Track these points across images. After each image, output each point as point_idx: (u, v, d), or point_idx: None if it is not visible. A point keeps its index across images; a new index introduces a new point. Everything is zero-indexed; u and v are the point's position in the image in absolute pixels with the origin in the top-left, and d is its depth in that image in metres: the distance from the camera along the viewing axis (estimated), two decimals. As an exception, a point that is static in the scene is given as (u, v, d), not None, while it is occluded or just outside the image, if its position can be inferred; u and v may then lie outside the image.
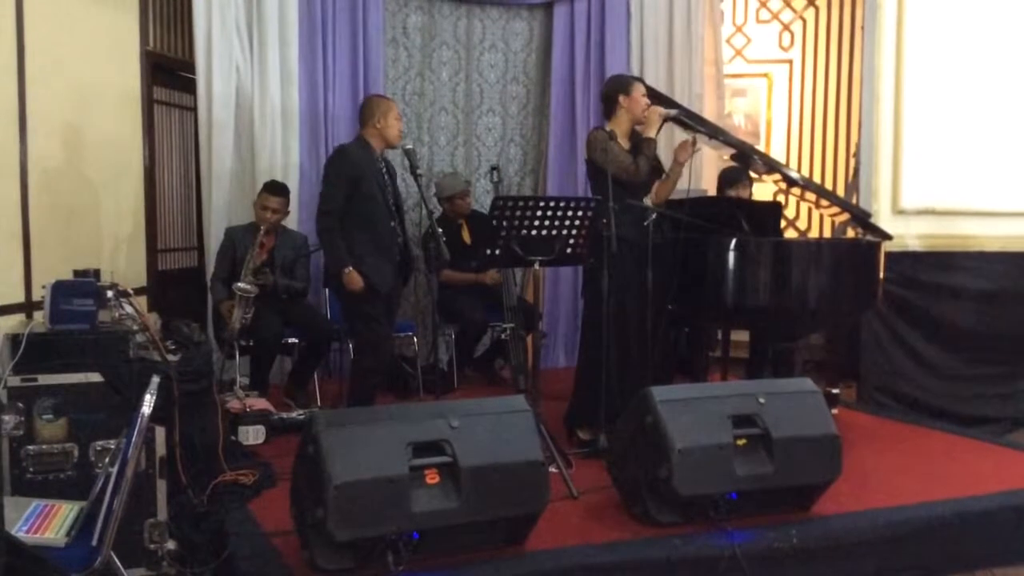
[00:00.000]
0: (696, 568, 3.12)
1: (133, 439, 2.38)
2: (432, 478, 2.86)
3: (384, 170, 4.56)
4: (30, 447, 3.01)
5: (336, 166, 4.50)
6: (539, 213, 3.82)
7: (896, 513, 3.49)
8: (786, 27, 7.24)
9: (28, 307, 4.16)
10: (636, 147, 4.31)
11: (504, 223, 3.80)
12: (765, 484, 3.31)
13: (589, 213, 3.92)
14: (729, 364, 5.30)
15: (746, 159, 4.81)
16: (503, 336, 5.63)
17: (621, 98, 4.36)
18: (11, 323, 3.79)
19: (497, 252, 3.89)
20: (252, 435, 4.37)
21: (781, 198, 6.42)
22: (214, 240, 5.42)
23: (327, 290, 5.54)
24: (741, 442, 3.30)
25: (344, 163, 4.46)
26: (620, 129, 4.37)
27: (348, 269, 4.37)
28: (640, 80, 4.54)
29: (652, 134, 4.33)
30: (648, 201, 4.34)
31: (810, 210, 6.98)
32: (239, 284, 4.78)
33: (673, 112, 4.45)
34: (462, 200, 5.76)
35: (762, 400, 3.38)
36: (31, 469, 3.00)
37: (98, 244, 4.97)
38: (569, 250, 3.95)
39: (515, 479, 2.94)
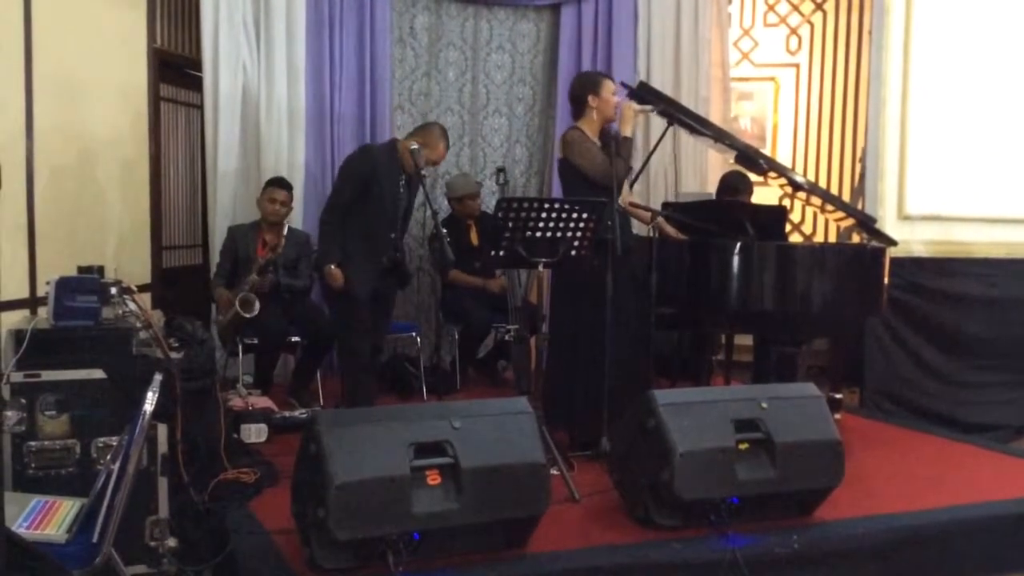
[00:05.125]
0: (697, 572, 3.11)
1: (135, 436, 2.37)
2: (433, 479, 2.86)
3: (404, 181, 4.57)
4: (32, 443, 3.01)
5: (356, 163, 4.53)
6: (544, 215, 3.81)
7: (898, 519, 3.48)
8: (793, 31, 7.22)
9: (33, 303, 4.17)
10: (606, 146, 4.20)
11: (508, 224, 3.79)
12: (767, 489, 3.31)
13: (594, 215, 3.90)
14: (733, 368, 5.30)
15: (750, 162, 4.80)
16: (506, 337, 5.63)
17: (590, 98, 4.27)
18: (16, 318, 3.80)
19: (501, 253, 3.88)
20: (254, 433, 4.38)
21: (787, 202, 6.41)
22: (219, 238, 5.43)
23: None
24: (743, 446, 3.29)
25: (363, 161, 4.50)
26: (590, 129, 4.29)
27: (331, 266, 4.40)
28: (608, 77, 4.42)
29: (628, 132, 4.24)
30: (620, 202, 4.28)
31: (815, 214, 6.96)
32: (245, 295, 4.77)
33: (649, 108, 4.40)
34: (472, 201, 5.76)
35: (764, 405, 3.37)
36: (33, 465, 3.00)
37: (103, 240, 4.98)
38: (573, 252, 3.93)
39: (516, 481, 2.94)
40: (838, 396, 5.16)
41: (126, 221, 5.21)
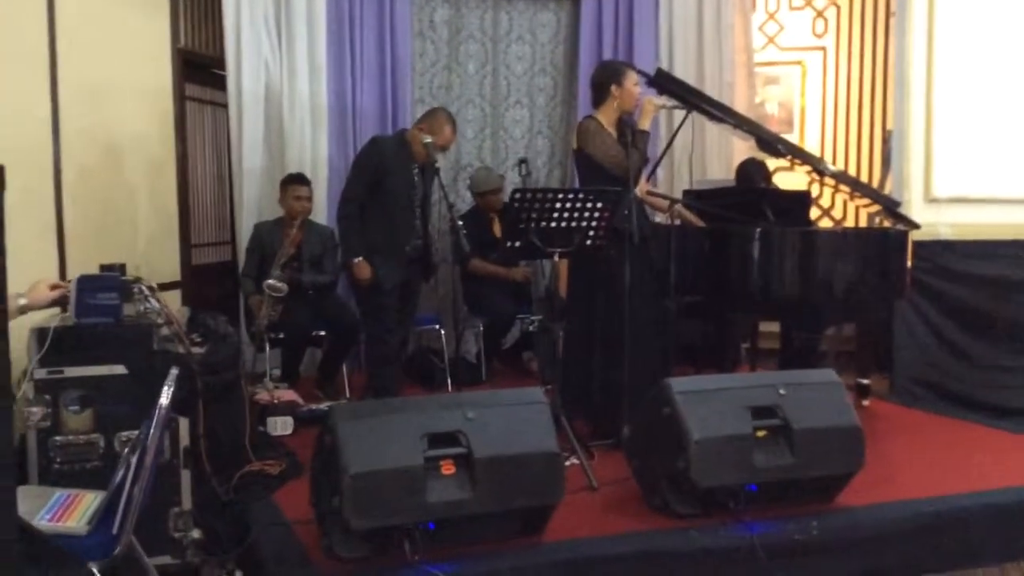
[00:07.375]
0: (714, 559, 3.11)
1: (151, 430, 2.43)
2: (447, 469, 2.88)
3: (417, 170, 4.62)
4: (57, 438, 3.08)
5: (365, 156, 4.60)
6: (558, 205, 3.81)
7: (920, 505, 3.45)
8: (820, 14, 7.13)
9: (64, 301, 4.24)
10: (622, 136, 4.18)
11: (523, 215, 3.81)
12: (785, 476, 3.29)
13: (609, 205, 3.90)
14: (760, 355, 5.27)
15: (771, 148, 4.76)
16: (531, 328, 5.65)
17: (613, 88, 4.24)
18: (46, 316, 3.88)
19: (517, 244, 3.89)
20: (280, 426, 4.45)
21: (815, 187, 6.34)
22: (246, 234, 5.49)
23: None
24: (761, 433, 3.28)
25: (373, 154, 4.56)
26: (607, 118, 4.27)
27: (358, 259, 4.46)
28: (632, 67, 4.41)
29: (646, 126, 4.22)
30: (637, 192, 4.25)
31: (845, 200, 6.88)
32: (269, 282, 4.84)
33: (670, 103, 4.38)
34: (494, 196, 5.78)
35: (782, 391, 3.35)
36: (58, 460, 3.07)
37: (132, 239, 5.07)
38: (589, 242, 3.94)
39: (530, 470, 2.95)
40: (865, 382, 5.12)
41: (154, 220, 5.30)
